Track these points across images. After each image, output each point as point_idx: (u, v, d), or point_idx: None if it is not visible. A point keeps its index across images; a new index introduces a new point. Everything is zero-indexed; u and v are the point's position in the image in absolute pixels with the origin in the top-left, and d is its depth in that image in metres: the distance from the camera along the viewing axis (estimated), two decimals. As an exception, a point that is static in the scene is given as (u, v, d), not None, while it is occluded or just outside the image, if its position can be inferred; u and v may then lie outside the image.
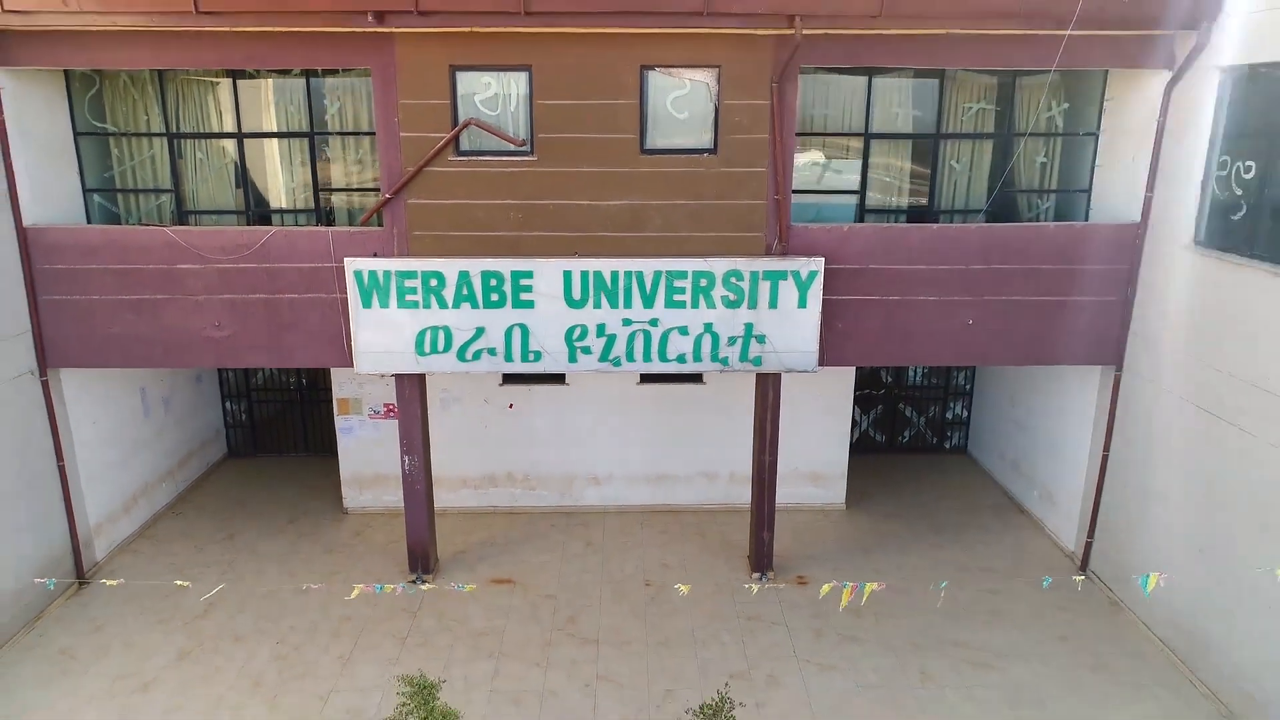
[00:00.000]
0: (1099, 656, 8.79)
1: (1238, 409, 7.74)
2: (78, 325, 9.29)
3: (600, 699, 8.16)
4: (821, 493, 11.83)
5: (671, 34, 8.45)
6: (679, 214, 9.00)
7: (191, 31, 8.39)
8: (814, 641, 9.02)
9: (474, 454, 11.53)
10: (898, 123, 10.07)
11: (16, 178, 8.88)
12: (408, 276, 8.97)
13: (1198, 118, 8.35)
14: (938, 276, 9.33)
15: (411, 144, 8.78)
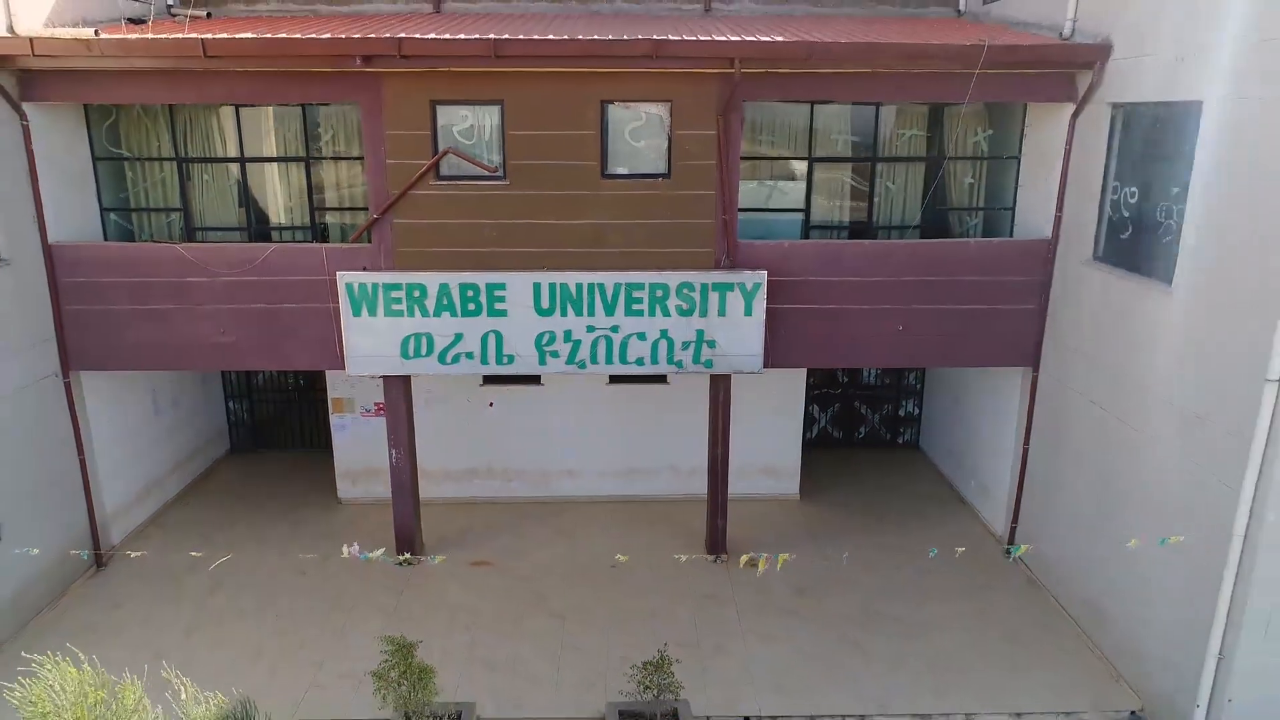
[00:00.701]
0: (1013, 629, 9.82)
1: (1125, 406, 8.76)
2: (97, 332, 10.31)
3: (564, 664, 9.19)
4: (777, 484, 12.86)
5: (628, 73, 9.48)
6: (637, 232, 10.03)
7: (200, 71, 9.43)
8: (758, 616, 10.05)
9: (457, 449, 12.55)
10: (838, 147, 11.11)
11: (43, 200, 9.89)
12: (394, 288, 9.99)
13: (1096, 147, 9.37)
14: (871, 287, 10.36)
15: (396, 170, 9.81)
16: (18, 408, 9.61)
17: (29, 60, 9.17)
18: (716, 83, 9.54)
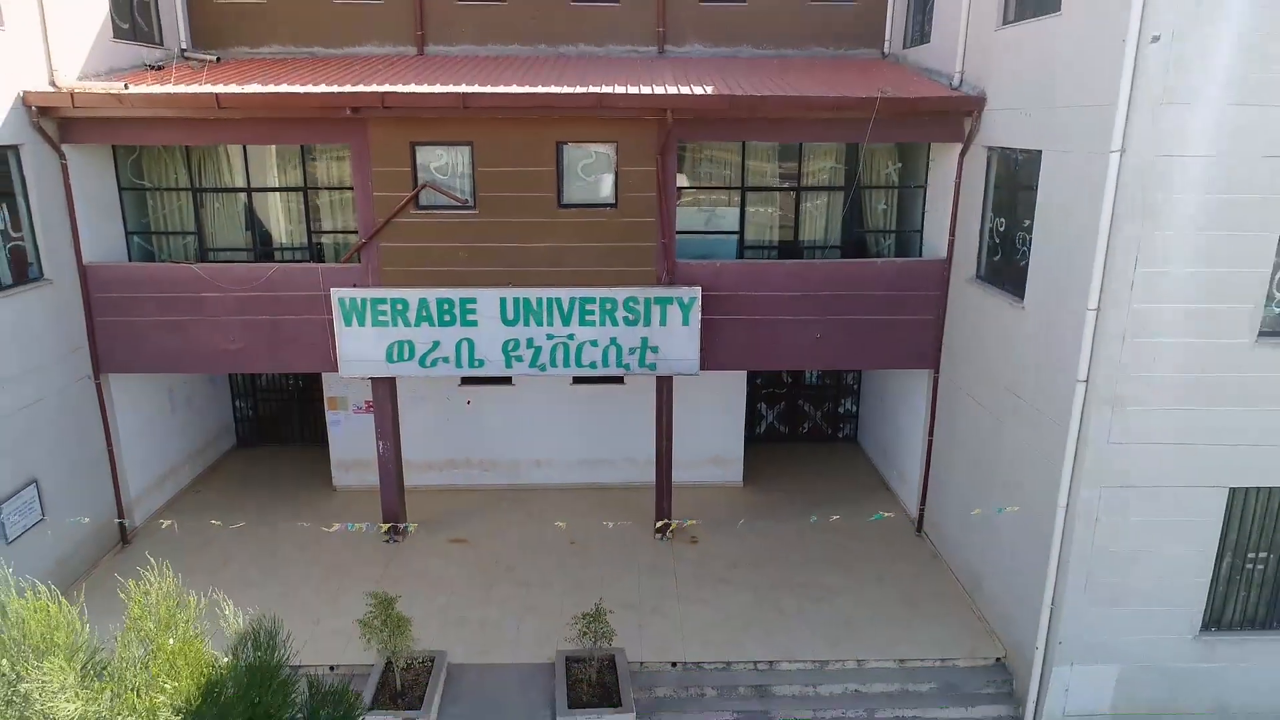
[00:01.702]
0: (910, 593, 11.44)
1: (993, 402, 10.39)
2: (124, 340, 11.93)
3: (524, 622, 10.82)
4: (722, 473, 14.49)
5: (578, 119, 11.11)
6: (589, 254, 11.66)
7: (214, 119, 11.06)
8: (693, 584, 11.68)
9: (438, 442, 14.17)
10: (767, 178, 12.75)
11: (78, 226, 11.51)
12: (380, 302, 11.62)
13: (977, 181, 11.00)
14: (793, 300, 11.99)
15: (382, 201, 11.44)
16: (59, 406, 11.24)
17: (69, 110, 10.79)
18: (654, 127, 11.16)
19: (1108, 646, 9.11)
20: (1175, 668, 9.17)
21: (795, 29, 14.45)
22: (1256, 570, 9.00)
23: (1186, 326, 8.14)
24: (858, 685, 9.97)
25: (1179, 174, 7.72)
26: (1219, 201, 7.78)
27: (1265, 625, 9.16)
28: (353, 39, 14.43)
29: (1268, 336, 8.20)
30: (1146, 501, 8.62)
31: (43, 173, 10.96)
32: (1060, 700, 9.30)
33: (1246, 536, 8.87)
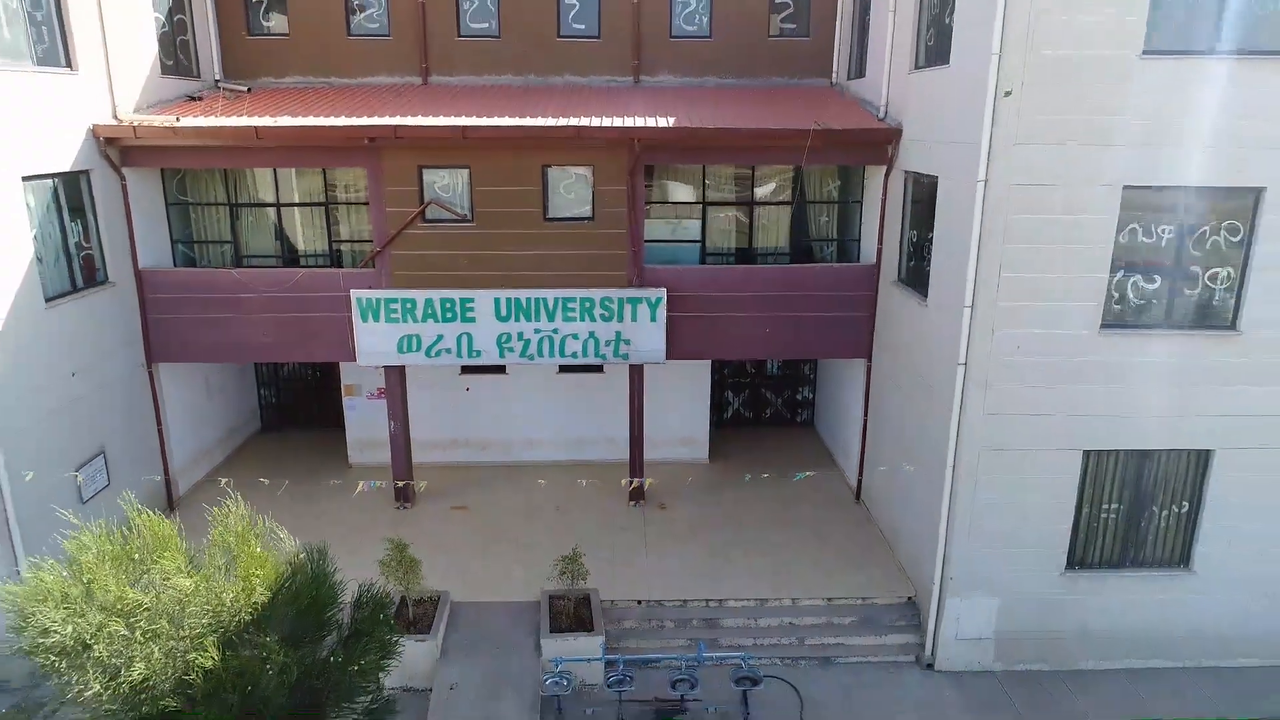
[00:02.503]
0: (843, 548, 13.46)
1: (908, 384, 12.40)
2: (172, 335, 13.93)
3: (514, 571, 12.83)
4: (691, 451, 16.51)
5: (561, 146, 13.12)
6: (570, 260, 13.66)
7: (252, 147, 13.07)
8: (659, 541, 13.70)
9: (441, 424, 16.16)
10: (725, 194, 14.78)
11: (135, 237, 13.52)
12: (392, 302, 13.62)
13: (898, 199, 13.01)
14: (745, 300, 14.00)
15: (393, 215, 13.45)
16: (121, 390, 13.25)
17: (130, 140, 12.80)
18: (625, 153, 13.17)
19: (990, 582, 11.13)
20: (1045, 599, 11.19)
21: (755, 61, 16.47)
22: (1109, 519, 11.02)
23: (1043, 320, 10.16)
24: (791, 619, 12.00)
25: (1029, 199, 9.74)
26: (1062, 220, 9.79)
27: (1118, 564, 11.19)
28: (365, 70, 16.44)
29: (1109, 328, 10.21)
30: (1016, 462, 10.64)
31: (107, 193, 12.97)
32: (953, 628, 11.32)
33: (1100, 491, 10.89)
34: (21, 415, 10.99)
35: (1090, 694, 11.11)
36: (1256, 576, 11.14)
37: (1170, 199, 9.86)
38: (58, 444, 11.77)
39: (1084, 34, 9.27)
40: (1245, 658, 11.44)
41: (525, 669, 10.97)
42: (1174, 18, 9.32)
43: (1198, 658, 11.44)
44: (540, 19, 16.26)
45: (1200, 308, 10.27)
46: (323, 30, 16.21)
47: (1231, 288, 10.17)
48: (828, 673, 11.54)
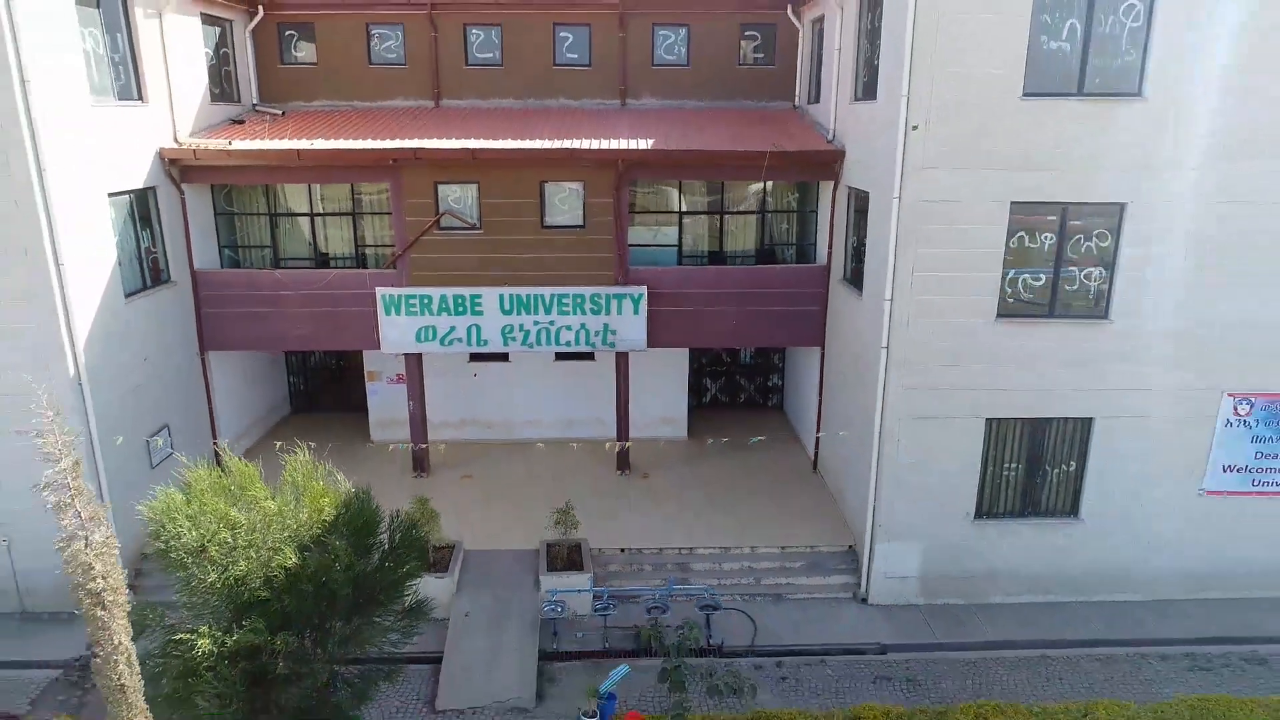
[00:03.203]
0: (798, 508, 15.71)
1: (850, 368, 14.64)
2: (221, 327, 16.17)
3: (516, 526, 15.06)
4: (671, 430, 18.76)
5: (556, 165, 15.36)
6: (564, 262, 15.90)
7: (293, 166, 15.32)
8: (641, 502, 15.96)
9: (452, 405, 18.41)
10: (699, 205, 17.03)
11: (191, 243, 15.76)
12: (411, 298, 15.86)
13: (843, 209, 15.26)
14: (715, 296, 16.23)
15: (412, 224, 15.68)
16: (180, 374, 15.50)
17: (190, 160, 15.04)
18: (611, 171, 15.42)
19: (912, 530, 13.37)
20: (958, 544, 13.44)
21: (727, 86, 18.73)
22: (1010, 476, 13.28)
23: (950, 311, 12.40)
24: (750, 564, 14.25)
25: (935, 212, 11.98)
26: (962, 230, 12.04)
27: (1019, 514, 13.44)
28: (384, 94, 18.71)
29: (1003, 317, 12.46)
30: (930, 428, 12.88)
31: (169, 205, 15.22)
32: (883, 568, 13.56)
33: (1001, 452, 13.14)
34: (110, 392, 13.24)
35: (996, 623, 13.35)
36: (1132, 525, 13.39)
37: (1050, 212, 12.12)
38: (134, 418, 14.02)
39: (975, 81, 11.52)
40: (1125, 594, 13.69)
41: (526, 600, 13.23)
42: (1046, 68, 11.57)
43: (1087, 594, 13.69)
44: (538, 50, 18.54)
45: (1078, 300, 12.52)
46: (347, 60, 18.49)
47: (1103, 284, 12.42)
48: (779, 606, 13.79)
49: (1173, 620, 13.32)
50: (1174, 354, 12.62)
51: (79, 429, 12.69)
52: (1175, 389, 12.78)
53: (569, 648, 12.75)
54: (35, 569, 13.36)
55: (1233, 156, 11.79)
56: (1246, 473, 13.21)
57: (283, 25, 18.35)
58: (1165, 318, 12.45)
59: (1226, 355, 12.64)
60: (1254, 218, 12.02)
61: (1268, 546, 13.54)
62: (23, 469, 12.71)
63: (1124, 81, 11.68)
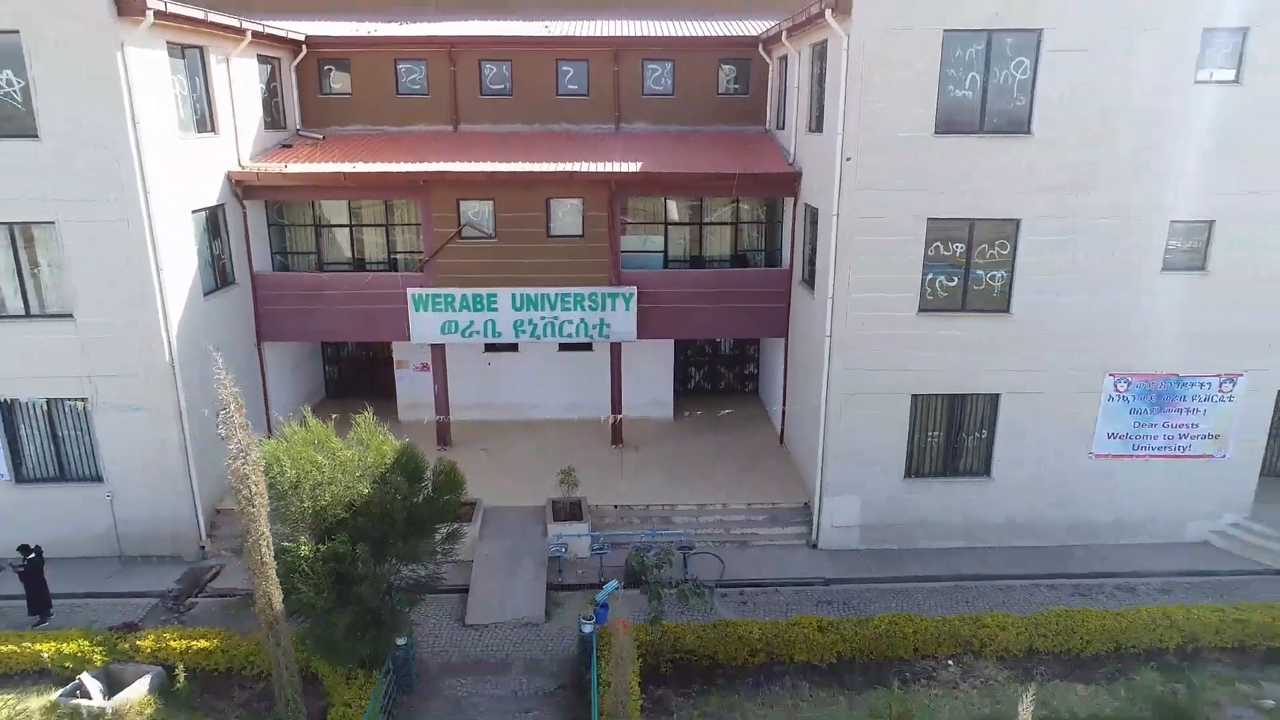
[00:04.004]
0: (765, 474, 18.57)
1: (807, 355, 17.50)
2: (275, 321, 19.03)
3: (525, 489, 17.92)
4: (659, 410, 21.64)
5: (559, 184, 18.22)
6: (566, 266, 18.76)
7: (338, 185, 18.20)
8: (631, 470, 18.83)
9: (471, 390, 21.25)
10: (682, 217, 19.92)
11: (251, 249, 18.62)
12: (436, 296, 18.71)
13: (801, 222, 18.12)
14: (696, 294, 19.11)
15: (438, 234, 18.55)
16: (243, 361, 18.34)
17: (253, 181, 17.92)
18: (605, 189, 18.29)
19: (854, 486, 16.23)
20: (892, 499, 16.30)
21: (707, 112, 21.61)
22: (933, 442, 16.14)
23: (880, 306, 15.26)
24: (721, 517, 17.13)
25: (867, 226, 14.84)
26: (889, 240, 14.90)
27: (941, 474, 16.31)
28: (410, 120, 21.59)
29: (924, 311, 15.31)
30: (866, 403, 15.74)
31: (233, 219, 18.10)
32: (830, 519, 16.43)
33: (926, 422, 16.00)
34: (193, 374, 16.08)
35: (922, 562, 16.22)
36: (1034, 483, 16.26)
37: (960, 226, 14.98)
38: (209, 396, 16.85)
39: (897, 121, 14.38)
40: (1028, 539, 16.56)
41: (536, 544, 16.11)
42: (953, 111, 14.42)
43: (997, 540, 16.56)
44: (543, 82, 21.42)
45: (985, 298, 15.39)
46: (377, 90, 21.37)
47: (1005, 284, 15.29)
48: (744, 551, 16.67)
49: (1065, 559, 16.20)
50: (1063, 342, 15.49)
51: (172, 403, 15.57)
52: (1066, 370, 15.66)
53: (571, 581, 15.62)
54: (131, 519, 16.22)
55: (1100, 181, 14.66)
56: (1127, 439, 16.09)
57: (322, 60, 21.24)
58: (1055, 311, 15.33)
59: (1106, 342, 15.51)
60: (1118, 229, 14.89)
61: (1144, 500, 16.42)
62: (125, 436, 15.69)
63: (1016, 122, 14.55)
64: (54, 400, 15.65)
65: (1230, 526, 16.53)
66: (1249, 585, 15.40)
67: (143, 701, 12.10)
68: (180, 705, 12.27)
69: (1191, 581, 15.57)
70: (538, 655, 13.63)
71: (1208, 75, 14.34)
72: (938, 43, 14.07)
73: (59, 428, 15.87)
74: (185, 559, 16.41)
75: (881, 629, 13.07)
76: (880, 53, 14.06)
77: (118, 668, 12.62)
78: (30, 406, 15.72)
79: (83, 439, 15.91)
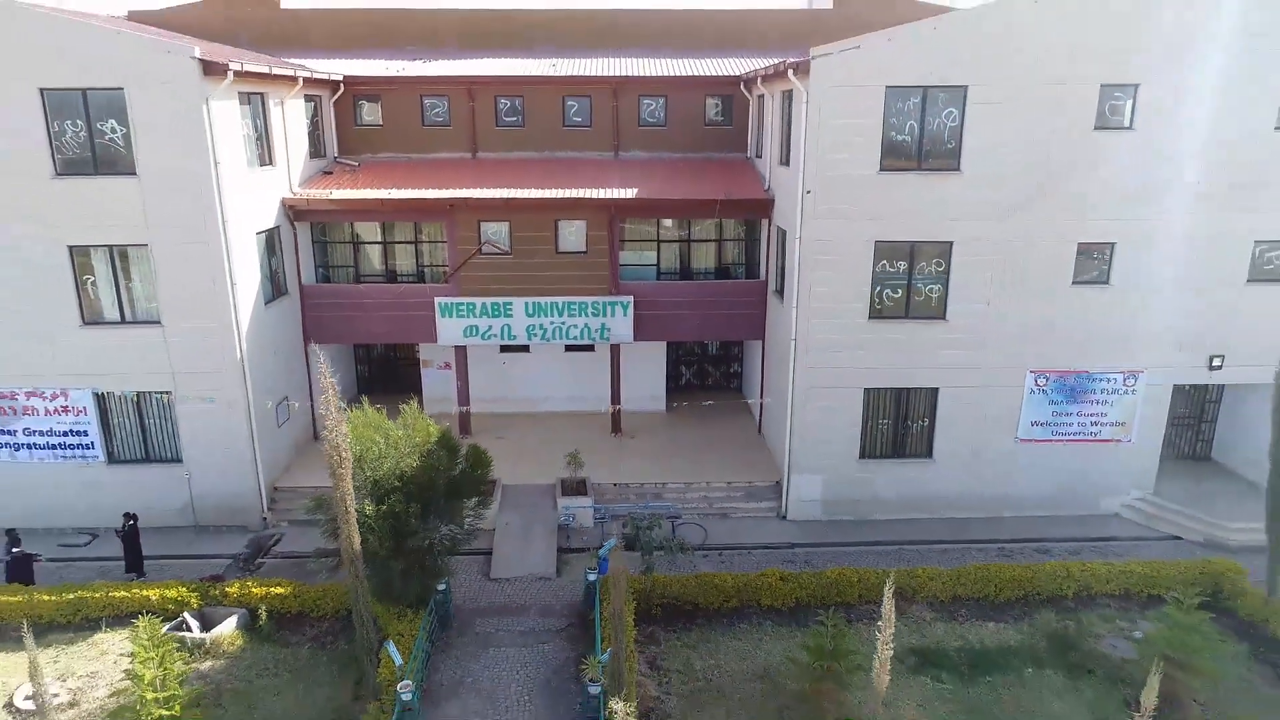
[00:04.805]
0: (743, 458, 21.48)
1: (779, 353, 20.40)
2: (320, 326, 21.96)
3: (535, 470, 20.84)
4: (654, 403, 24.59)
5: (566, 208, 21.16)
6: (572, 278, 21.68)
7: (375, 209, 21.15)
8: (628, 454, 21.76)
9: (488, 387, 24.17)
10: (672, 235, 22.88)
11: (300, 264, 21.56)
12: (460, 304, 21.65)
13: (774, 241, 21.04)
14: (685, 302, 22.04)
15: (462, 250, 21.48)
16: (292, 361, 21.28)
17: (303, 206, 20.87)
18: (606, 212, 21.22)
19: (817, 466, 19.16)
20: (849, 477, 19.23)
21: (695, 141, 24.56)
22: (884, 428, 19.08)
23: (837, 314, 18.18)
24: (705, 494, 20.07)
25: (824, 247, 17.76)
26: (842, 259, 17.82)
27: (891, 455, 19.24)
28: (434, 148, 24.55)
29: (873, 319, 18.23)
30: (826, 396, 18.66)
31: (286, 239, 21.05)
32: (797, 494, 19.36)
33: (877, 412, 18.94)
34: (258, 372, 19.02)
35: (874, 530, 19.14)
36: (969, 463, 19.18)
37: (902, 247, 17.90)
38: (270, 390, 19.84)
39: (849, 160, 17.30)
40: (963, 512, 19.49)
41: (548, 514, 19.06)
42: (895, 152, 17.34)
43: (937, 512, 19.48)
44: (551, 114, 24.37)
45: (925, 306, 18.31)
46: (405, 121, 24.32)
47: (941, 296, 18.21)
48: (724, 522, 19.62)
49: (993, 528, 19.14)
50: (992, 343, 18.42)
51: (241, 395, 18.53)
52: (994, 367, 18.59)
53: (576, 545, 18.56)
54: (204, 494, 19.17)
55: (1019, 210, 17.59)
56: (1047, 426, 19.02)
57: (357, 96, 24.19)
58: (984, 318, 18.26)
59: (1028, 344, 18.44)
60: (1036, 250, 17.82)
61: (1063, 478, 19.35)
62: (201, 423, 18.65)
63: (948, 161, 17.47)
64: (142, 393, 18.61)
65: (1137, 500, 19.47)
66: (1148, 548, 18.34)
67: (232, 635, 15.05)
68: (262, 639, 15.20)
69: (1099, 545, 18.51)
70: (550, 601, 16.57)
71: (1106, 123, 17.26)
72: (881, 97, 17.00)
73: (146, 417, 18.84)
74: (249, 528, 19.35)
75: (831, 578, 15.99)
76: (834, 105, 16.99)
77: (209, 610, 15.56)
78: (122, 398, 18.68)
79: (165, 426, 18.87)
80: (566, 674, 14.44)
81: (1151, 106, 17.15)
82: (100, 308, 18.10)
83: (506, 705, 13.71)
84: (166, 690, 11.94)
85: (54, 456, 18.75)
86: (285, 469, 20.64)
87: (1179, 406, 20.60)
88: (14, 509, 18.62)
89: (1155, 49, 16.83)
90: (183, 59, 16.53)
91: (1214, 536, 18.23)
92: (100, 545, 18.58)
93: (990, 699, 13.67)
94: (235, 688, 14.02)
